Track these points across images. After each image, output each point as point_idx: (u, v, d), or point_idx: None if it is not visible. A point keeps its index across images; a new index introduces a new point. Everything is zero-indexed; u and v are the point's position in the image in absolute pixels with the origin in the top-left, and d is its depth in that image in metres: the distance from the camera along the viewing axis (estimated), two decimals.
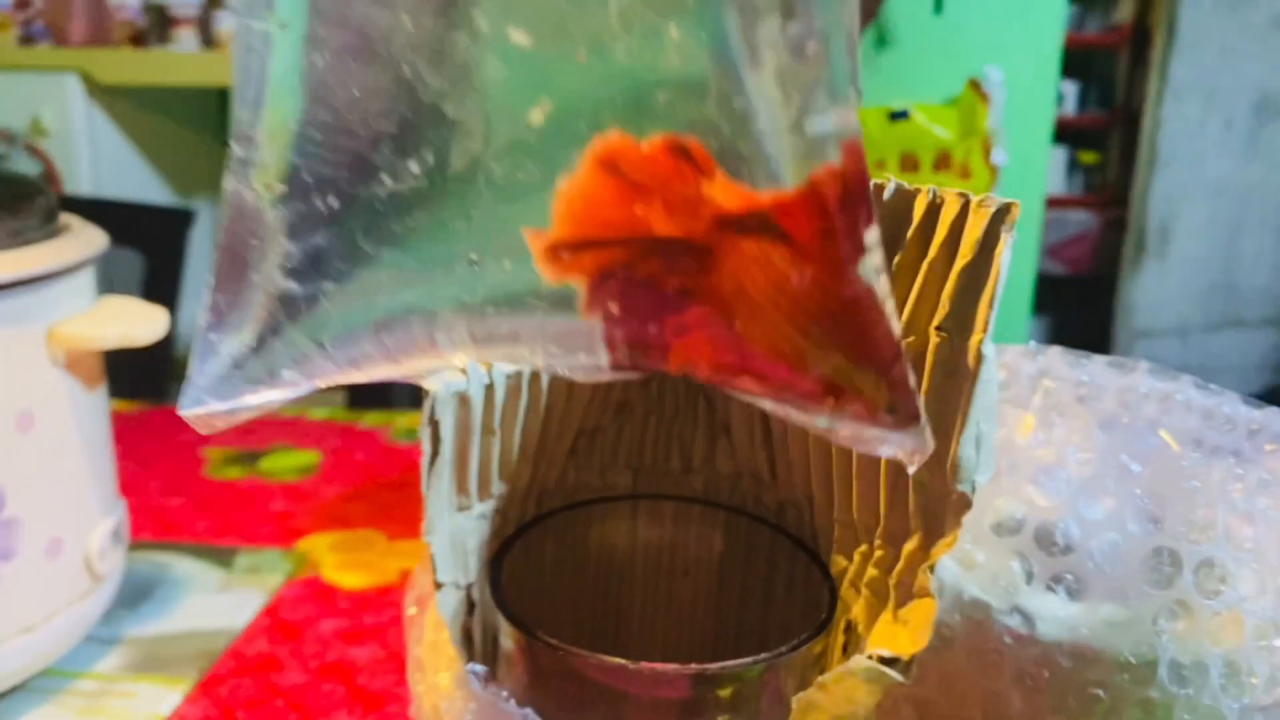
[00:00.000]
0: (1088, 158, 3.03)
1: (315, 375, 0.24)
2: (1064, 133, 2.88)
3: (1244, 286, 2.83)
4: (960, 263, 0.28)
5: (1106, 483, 0.29)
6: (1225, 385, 0.36)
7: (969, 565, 0.31)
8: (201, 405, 0.24)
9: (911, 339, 0.30)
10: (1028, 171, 2.11)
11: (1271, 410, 0.34)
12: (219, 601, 0.62)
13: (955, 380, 0.29)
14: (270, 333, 0.23)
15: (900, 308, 0.30)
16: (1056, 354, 0.36)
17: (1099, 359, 0.36)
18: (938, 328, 0.29)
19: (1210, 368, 2.82)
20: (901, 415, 0.21)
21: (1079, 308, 3.07)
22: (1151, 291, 2.85)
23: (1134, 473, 0.29)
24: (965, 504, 0.29)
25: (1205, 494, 0.28)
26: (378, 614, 0.62)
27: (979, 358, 0.28)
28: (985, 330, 0.28)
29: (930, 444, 0.22)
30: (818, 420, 0.22)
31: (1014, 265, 2.21)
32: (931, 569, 0.29)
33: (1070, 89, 2.95)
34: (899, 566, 0.31)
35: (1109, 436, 0.30)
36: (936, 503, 0.30)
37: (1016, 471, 0.31)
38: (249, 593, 0.64)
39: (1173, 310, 2.85)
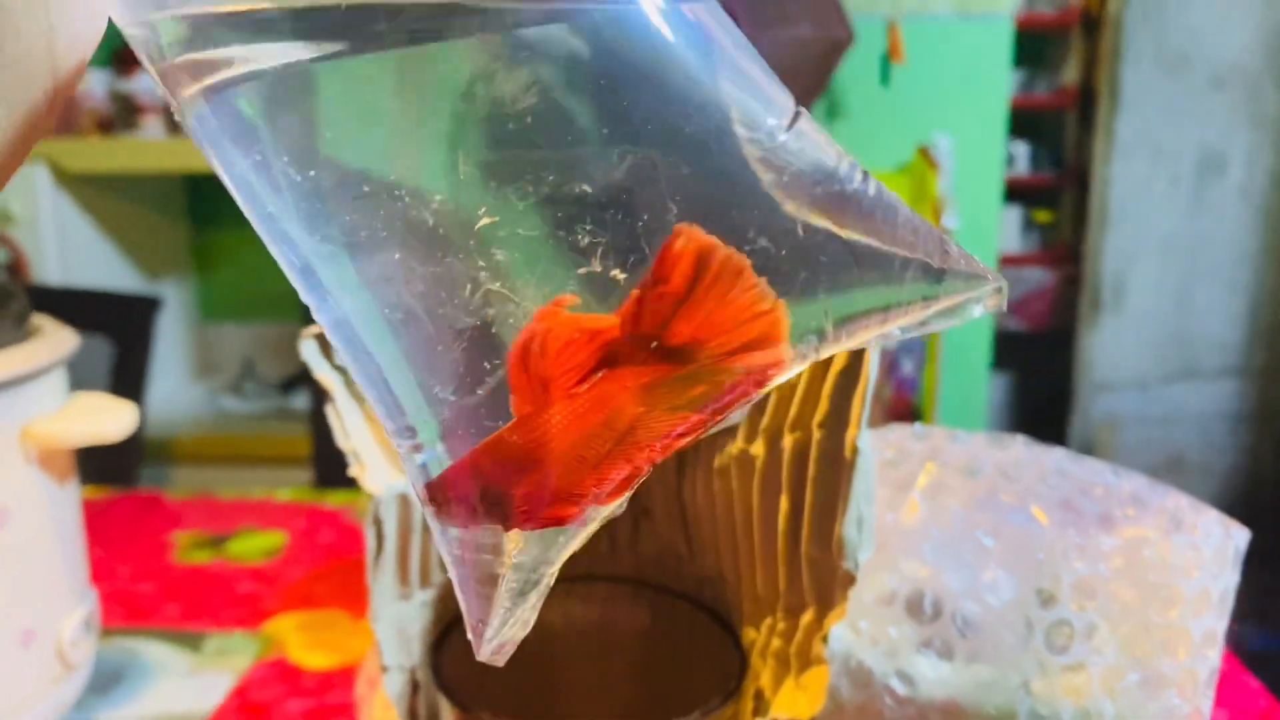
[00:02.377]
0: (1042, 216, 3.10)
1: None
2: (1018, 192, 2.96)
3: (1198, 338, 2.89)
4: (835, 367, 0.32)
5: (967, 556, 0.32)
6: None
7: (855, 633, 0.34)
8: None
9: (799, 434, 0.33)
10: (981, 232, 2.18)
11: (1135, 477, 0.38)
12: (188, 685, 0.65)
13: (836, 470, 0.32)
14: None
15: (786, 408, 0.33)
16: (941, 434, 0.40)
17: (980, 436, 0.39)
18: (819, 424, 0.32)
19: (1170, 418, 2.88)
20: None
21: (1039, 363, 3.13)
22: (1109, 345, 2.91)
23: (988, 547, 0.32)
24: (850, 579, 0.32)
25: (1051, 564, 0.32)
26: (343, 693, 0.64)
27: (855, 450, 0.32)
28: (859, 426, 0.31)
29: (1003, 282, 0.24)
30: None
31: (973, 323, 2.27)
32: (824, 639, 0.33)
33: (1022, 150, 3.03)
34: (798, 637, 0.34)
35: (971, 514, 0.33)
36: (827, 578, 0.33)
37: (891, 546, 0.34)
38: (218, 675, 0.66)
39: (1130, 363, 2.91)
